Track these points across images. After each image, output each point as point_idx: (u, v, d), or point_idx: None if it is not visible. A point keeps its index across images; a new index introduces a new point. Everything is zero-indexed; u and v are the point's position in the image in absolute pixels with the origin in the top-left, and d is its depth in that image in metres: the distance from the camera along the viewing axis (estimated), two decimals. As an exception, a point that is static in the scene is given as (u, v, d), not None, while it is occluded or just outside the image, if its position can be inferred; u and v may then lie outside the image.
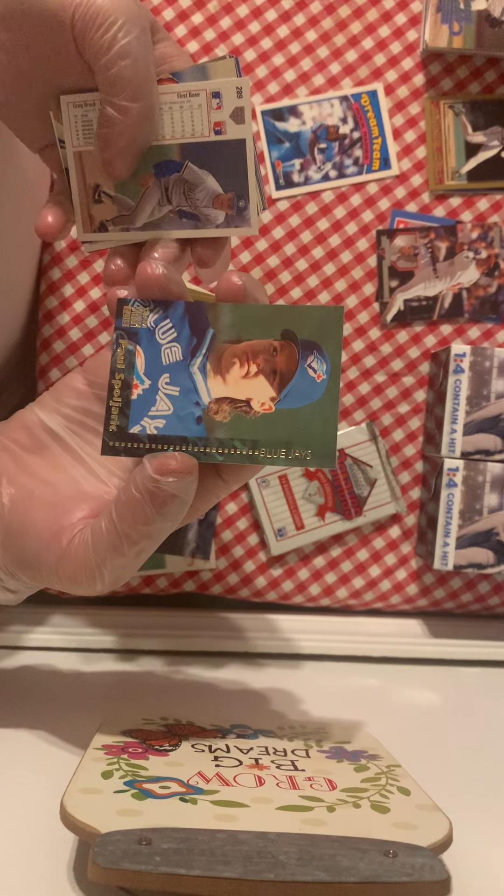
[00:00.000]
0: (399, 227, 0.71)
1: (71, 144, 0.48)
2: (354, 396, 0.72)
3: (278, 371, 0.44)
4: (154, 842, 0.36)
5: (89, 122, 0.47)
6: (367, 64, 0.71)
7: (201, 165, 0.47)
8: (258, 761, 0.48)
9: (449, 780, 0.50)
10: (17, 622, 0.72)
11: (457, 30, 0.67)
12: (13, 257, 0.64)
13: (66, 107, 0.47)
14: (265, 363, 0.44)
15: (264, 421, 0.43)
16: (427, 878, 0.36)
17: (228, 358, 0.44)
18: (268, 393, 0.44)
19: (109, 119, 0.45)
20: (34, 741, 0.54)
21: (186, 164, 0.47)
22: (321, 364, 0.43)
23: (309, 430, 0.43)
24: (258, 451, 0.43)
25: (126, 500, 0.42)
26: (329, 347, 0.43)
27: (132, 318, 0.45)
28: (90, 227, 0.49)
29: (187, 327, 0.45)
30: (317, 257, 0.72)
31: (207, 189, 0.47)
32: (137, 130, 0.46)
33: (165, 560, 0.72)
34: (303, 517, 0.71)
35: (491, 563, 0.67)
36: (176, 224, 0.47)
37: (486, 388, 0.66)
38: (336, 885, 0.35)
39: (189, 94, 0.46)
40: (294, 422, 0.43)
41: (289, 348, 0.44)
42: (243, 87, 0.45)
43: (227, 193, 0.47)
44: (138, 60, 0.44)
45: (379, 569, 0.73)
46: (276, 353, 0.44)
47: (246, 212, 0.47)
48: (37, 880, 0.39)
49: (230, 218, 0.47)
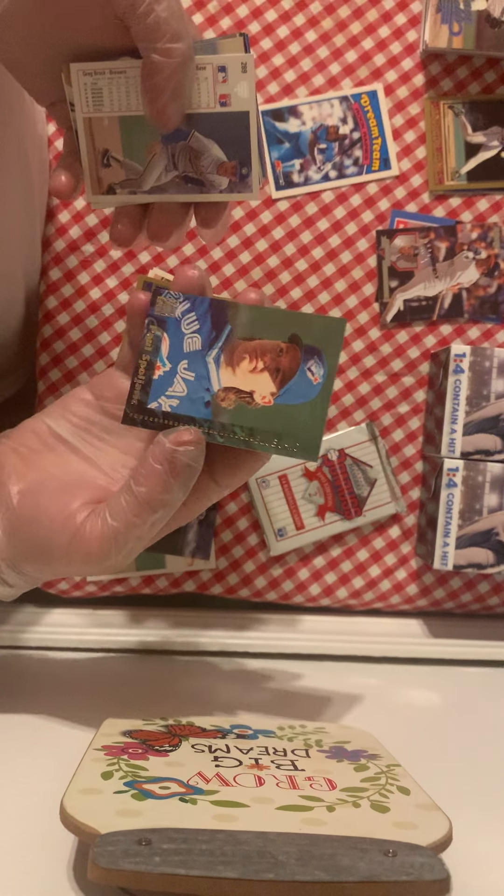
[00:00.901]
0: (399, 228, 0.72)
1: (80, 111, 0.49)
2: (354, 396, 0.72)
3: (281, 370, 0.48)
4: (154, 842, 0.36)
5: (99, 91, 0.49)
6: (367, 64, 0.71)
7: (207, 134, 0.49)
8: (258, 761, 0.48)
9: (449, 779, 0.50)
10: (17, 622, 0.72)
11: (456, 30, 0.67)
12: (9, 238, 0.64)
13: (75, 75, 0.48)
14: (271, 361, 0.48)
15: (263, 412, 0.48)
16: (427, 878, 0.36)
17: (240, 353, 0.49)
18: (269, 388, 0.48)
19: (155, 67, 0.46)
20: (34, 741, 0.54)
21: (193, 133, 0.49)
22: (319, 368, 0.48)
23: (300, 425, 0.48)
24: (254, 438, 0.48)
25: (146, 471, 0.47)
26: (329, 354, 0.48)
27: (164, 307, 0.50)
28: (99, 190, 0.51)
29: (209, 321, 0.49)
30: (317, 257, 0.72)
31: (212, 157, 0.49)
32: (184, 71, 0.47)
33: (165, 560, 0.72)
34: (303, 517, 0.72)
35: (490, 563, 0.67)
36: (181, 188, 0.50)
37: (485, 388, 0.66)
38: (336, 885, 0.35)
39: (197, 66, 0.48)
40: (288, 416, 0.48)
41: (293, 351, 0.48)
42: (248, 62, 0.48)
43: (231, 161, 0.49)
44: (172, 2, 0.45)
45: (379, 569, 0.73)
46: (281, 354, 0.48)
47: (248, 179, 0.50)
48: (37, 880, 0.39)
49: (233, 184, 0.50)
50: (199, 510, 0.51)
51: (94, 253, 0.71)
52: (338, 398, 0.72)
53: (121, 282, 0.71)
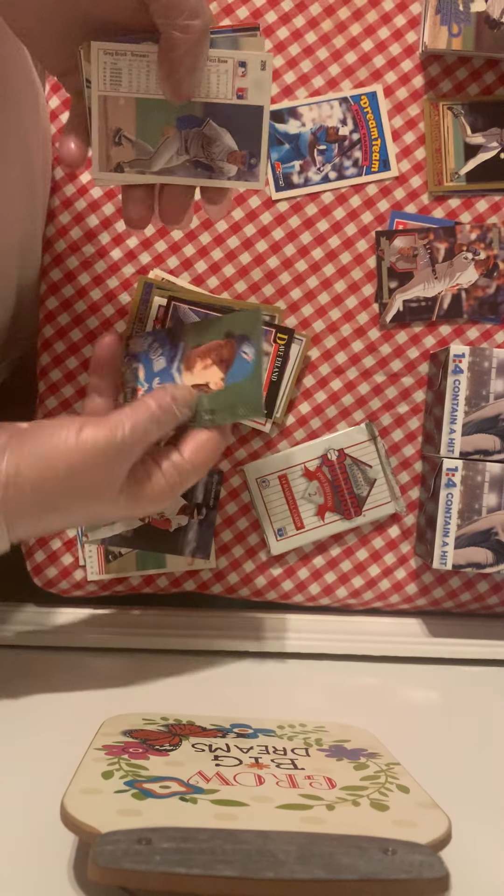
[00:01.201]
0: (398, 229, 0.72)
1: (97, 88, 0.51)
2: (354, 397, 0.72)
3: (224, 359, 0.60)
4: (154, 841, 0.36)
5: (118, 71, 0.50)
6: (367, 66, 0.71)
7: (221, 123, 0.52)
8: (258, 760, 0.48)
9: (448, 777, 0.50)
10: (18, 621, 0.72)
11: (456, 31, 0.67)
12: (10, 236, 0.64)
13: (95, 52, 0.50)
14: (216, 356, 0.60)
15: (217, 395, 0.59)
16: (426, 876, 0.36)
17: (193, 358, 0.61)
18: (219, 375, 0.60)
19: (174, 42, 0.48)
20: (34, 741, 0.54)
21: (208, 121, 0.52)
22: (250, 348, 0.59)
23: (246, 395, 0.58)
24: (215, 416, 0.58)
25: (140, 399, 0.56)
26: (254, 337, 0.59)
27: (135, 346, 0.64)
28: (107, 167, 0.53)
29: (168, 344, 0.62)
30: (316, 258, 0.72)
31: (224, 145, 0.52)
32: (200, 47, 0.49)
33: (166, 560, 0.72)
34: (302, 517, 0.72)
35: (490, 562, 0.67)
36: (191, 172, 0.53)
37: (484, 388, 0.67)
38: (335, 883, 0.35)
39: (218, 59, 0.50)
40: (236, 392, 0.58)
41: (230, 343, 0.60)
42: (267, 61, 0.51)
43: (242, 151, 0.52)
44: None
45: (378, 568, 0.73)
46: (222, 348, 0.60)
47: (256, 168, 0.53)
48: (37, 880, 0.39)
49: (241, 172, 0.53)
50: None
51: (94, 254, 0.71)
52: (337, 398, 0.72)
53: (121, 282, 0.71)
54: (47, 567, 0.72)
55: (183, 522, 0.72)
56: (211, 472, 0.72)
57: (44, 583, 0.72)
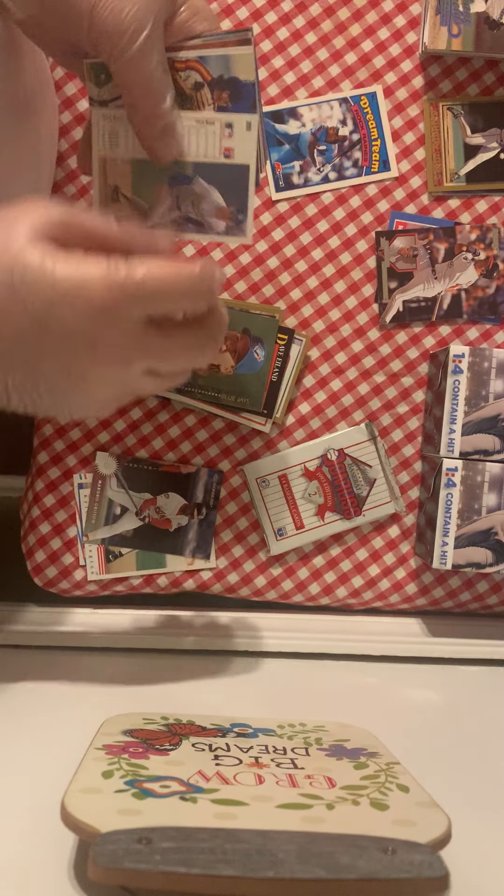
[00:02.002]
0: (398, 229, 0.72)
1: (97, 149, 0.54)
2: (354, 397, 0.72)
3: (237, 351, 0.69)
4: (154, 841, 0.37)
5: (115, 134, 0.53)
6: (367, 66, 0.71)
7: (209, 181, 0.54)
8: (258, 760, 0.48)
9: (448, 777, 0.51)
10: (18, 621, 0.72)
11: (456, 32, 0.68)
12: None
13: (97, 118, 0.53)
14: (231, 345, 0.69)
15: (226, 379, 0.69)
16: (426, 875, 0.36)
17: None
18: (230, 363, 0.69)
19: (131, 111, 0.51)
20: (35, 741, 0.54)
21: (196, 179, 0.54)
22: (262, 351, 0.69)
23: (250, 388, 0.69)
24: (220, 395, 0.69)
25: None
26: (267, 341, 0.69)
27: None
28: None
29: None
30: (316, 258, 0.72)
31: (212, 202, 0.54)
32: (162, 119, 0.51)
33: (166, 559, 0.72)
34: (302, 517, 0.72)
35: (489, 562, 0.67)
36: (182, 227, 0.55)
37: (484, 388, 0.67)
38: (335, 882, 0.36)
39: (206, 122, 0.52)
40: (243, 382, 0.69)
41: (245, 338, 0.69)
42: (253, 122, 0.52)
43: (229, 207, 0.54)
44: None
45: (378, 568, 0.73)
46: (237, 341, 0.69)
47: (243, 224, 0.54)
48: (37, 880, 0.39)
49: (229, 228, 0.54)
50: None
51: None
52: (337, 398, 0.72)
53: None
54: (47, 567, 0.72)
55: (183, 522, 0.72)
56: (211, 471, 0.72)
57: (44, 582, 0.72)
